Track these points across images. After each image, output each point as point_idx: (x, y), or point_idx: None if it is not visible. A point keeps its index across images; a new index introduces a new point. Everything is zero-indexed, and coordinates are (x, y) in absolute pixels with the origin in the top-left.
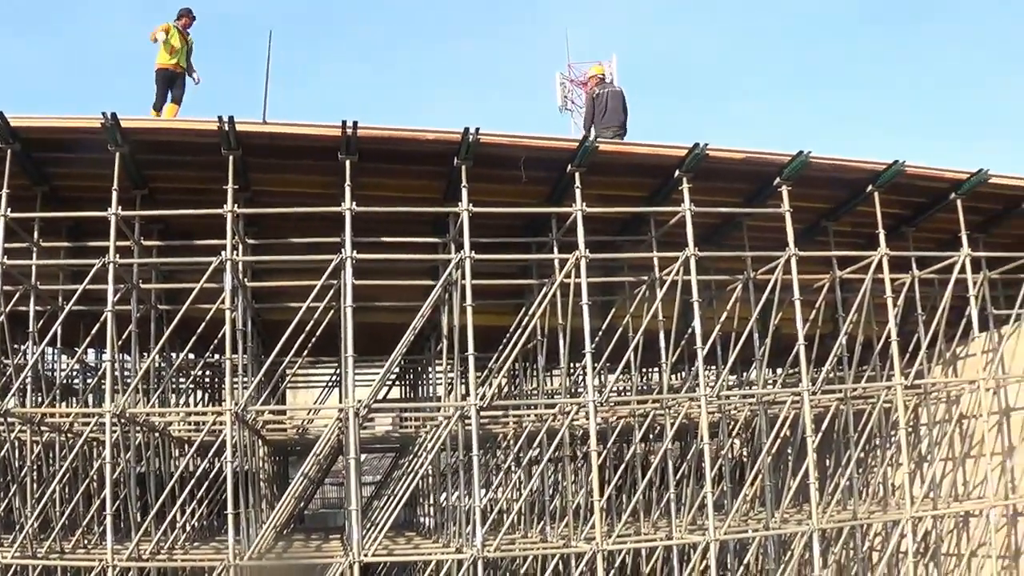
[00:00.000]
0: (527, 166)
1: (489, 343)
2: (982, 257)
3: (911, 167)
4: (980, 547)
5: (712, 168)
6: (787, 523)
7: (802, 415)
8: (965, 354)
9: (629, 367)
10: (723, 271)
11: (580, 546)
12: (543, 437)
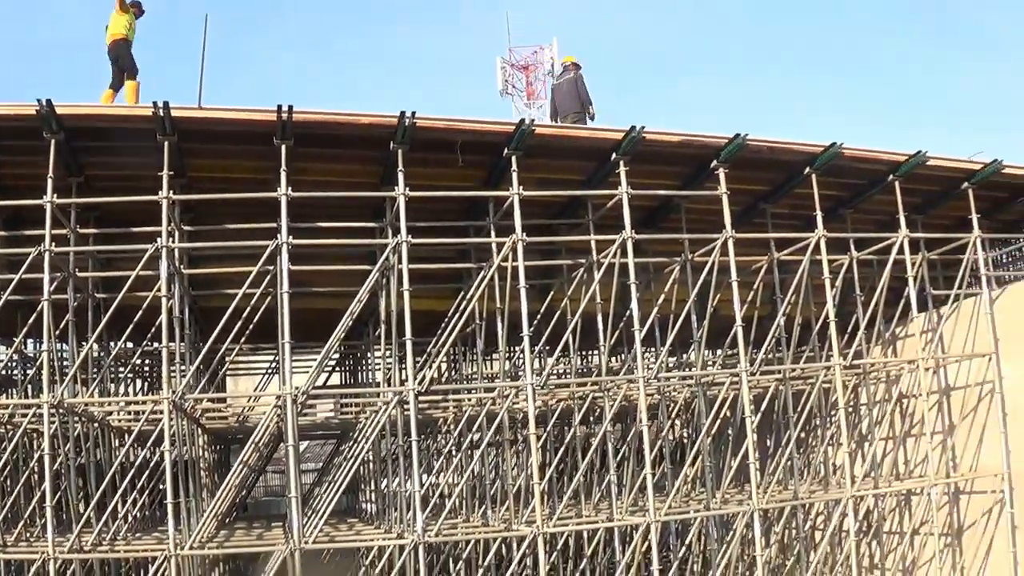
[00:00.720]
0: (464, 150)
1: (428, 328)
2: (920, 238)
3: (848, 149)
4: (922, 525)
5: (649, 151)
6: (728, 503)
7: (741, 396)
8: (904, 334)
9: (568, 350)
10: (661, 253)
11: (521, 529)
12: (483, 421)
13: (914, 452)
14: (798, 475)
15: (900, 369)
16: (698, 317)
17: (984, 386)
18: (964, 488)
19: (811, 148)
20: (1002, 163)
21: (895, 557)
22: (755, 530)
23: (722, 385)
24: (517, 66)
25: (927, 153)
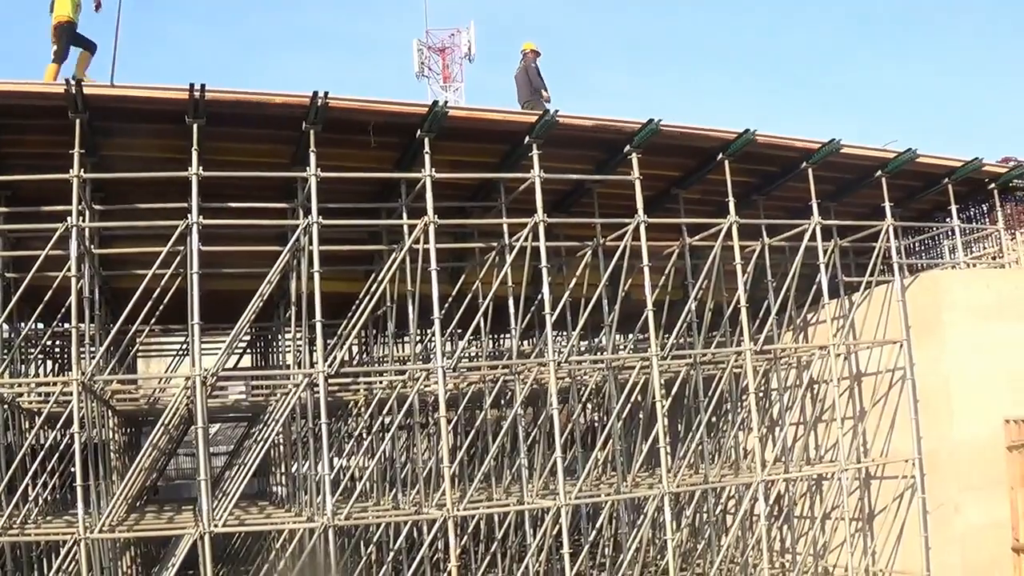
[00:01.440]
0: (377, 131)
1: (339, 310)
2: (832, 225)
3: (762, 136)
4: (833, 510)
5: (563, 135)
6: (639, 487)
7: (651, 380)
8: (816, 320)
9: (479, 333)
10: (573, 237)
11: (432, 513)
12: (393, 404)
13: (825, 437)
14: (709, 459)
15: (811, 355)
16: (609, 301)
17: (895, 372)
18: (875, 473)
19: (725, 134)
20: (916, 152)
21: (806, 541)
22: (665, 514)
23: (633, 369)
24: (434, 49)
25: (841, 141)
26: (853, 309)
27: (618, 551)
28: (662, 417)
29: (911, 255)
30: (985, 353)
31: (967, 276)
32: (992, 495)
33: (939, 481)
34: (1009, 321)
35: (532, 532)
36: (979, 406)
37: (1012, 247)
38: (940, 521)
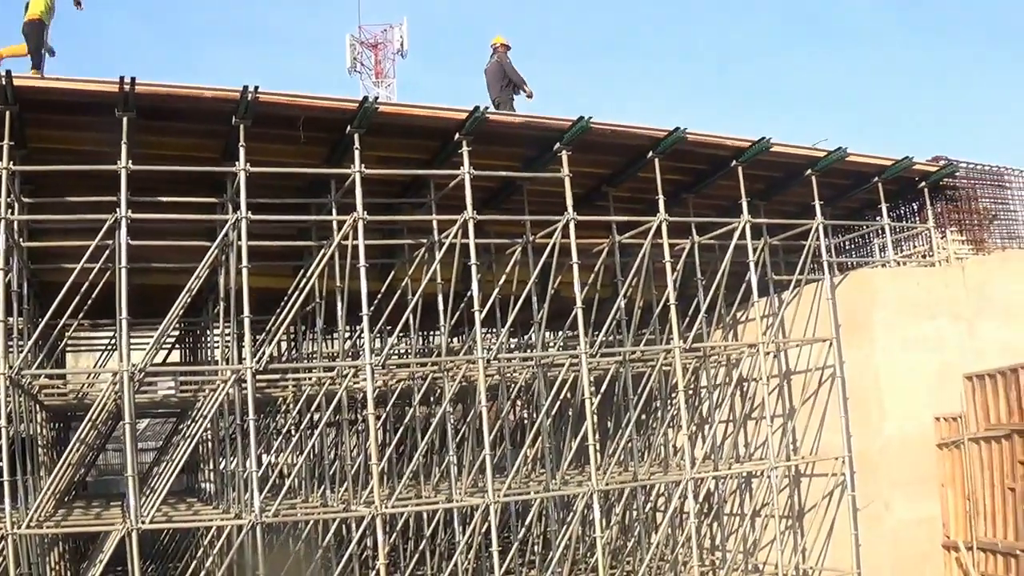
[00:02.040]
0: (307, 126)
1: (268, 306)
2: (762, 223)
3: (692, 134)
4: (763, 507)
5: (493, 132)
6: (568, 485)
7: (581, 377)
8: (745, 318)
9: (409, 329)
10: (503, 234)
11: (360, 510)
12: (322, 401)
13: (755, 435)
14: (639, 457)
15: (740, 353)
16: (539, 298)
17: (825, 370)
18: (805, 471)
19: (655, 132)
20: (846, 151)
21: (736, 538)
22: (595, 511)
23: (562, 367)
24: (366, 44)
25: (771, 140)
26: (783, 307)
27: (548, 549)
28: (591, 415)
29: (841, 253)
30: (915, 351)
31: (897, 274)
32: (922, 492)
33: (869, 478)
34: (939, 319)
35: (461, 529)
36: (909, 403)
37: (942, 245)
38: (870, 518)
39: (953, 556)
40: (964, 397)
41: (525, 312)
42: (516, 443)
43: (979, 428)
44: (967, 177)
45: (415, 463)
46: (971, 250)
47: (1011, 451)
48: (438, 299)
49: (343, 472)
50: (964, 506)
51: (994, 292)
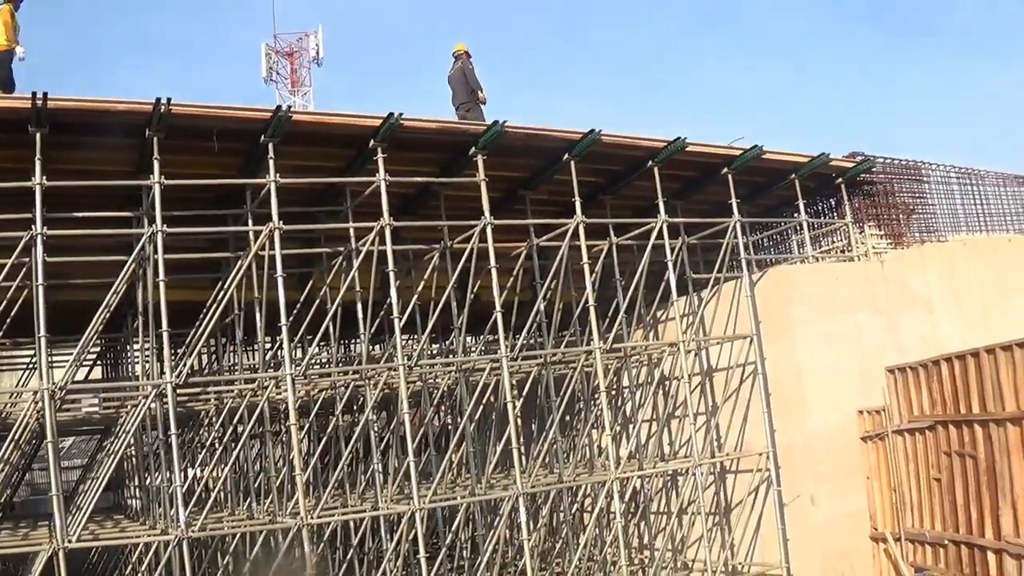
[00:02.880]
0: (221, 137)
1: (187, 319)
2: (679, 223)
3: (607, 136)
4: (690, 505)
5: (408, 138)
6: (493, 489)
7: (502, 381)
8: (665, 317)
9: (329, 338)
10: (420, 240)
11: (286, 521)
12: (244, 413)
13: (679, 433)
14: (563, 459)
15: (662, 352)
16: (458, 303)
17: (747, 367)
18: (730, 467)
19: (570, 135)
20: (762, 149)
21: (664, 537)
22: (521, 514)
23: (484, 371)
24: (282, 53)
25: (686, 139)
26: (702, 305)
27: (477, 553)
28: (514, 418)
29: (760, 251)
30: (836, 345)
31: (816, 270)
32: (848, 485)
33: (795, 473)
34: (859, 313)
35: (389, 537)
36: (832, 398)
37: (860, 240)
38: (797, 513)
39: (881, 548)
40: (887, 390)
41: (445, 317)
42: (441, 449)
43: (902, 420)
44: (885, 172)
45: (340, 472)
46: (890, 244)
47: (935, 442)
48: (357, 307)
49: (268, 484)
50: (890, 498)
51: (913, 285)
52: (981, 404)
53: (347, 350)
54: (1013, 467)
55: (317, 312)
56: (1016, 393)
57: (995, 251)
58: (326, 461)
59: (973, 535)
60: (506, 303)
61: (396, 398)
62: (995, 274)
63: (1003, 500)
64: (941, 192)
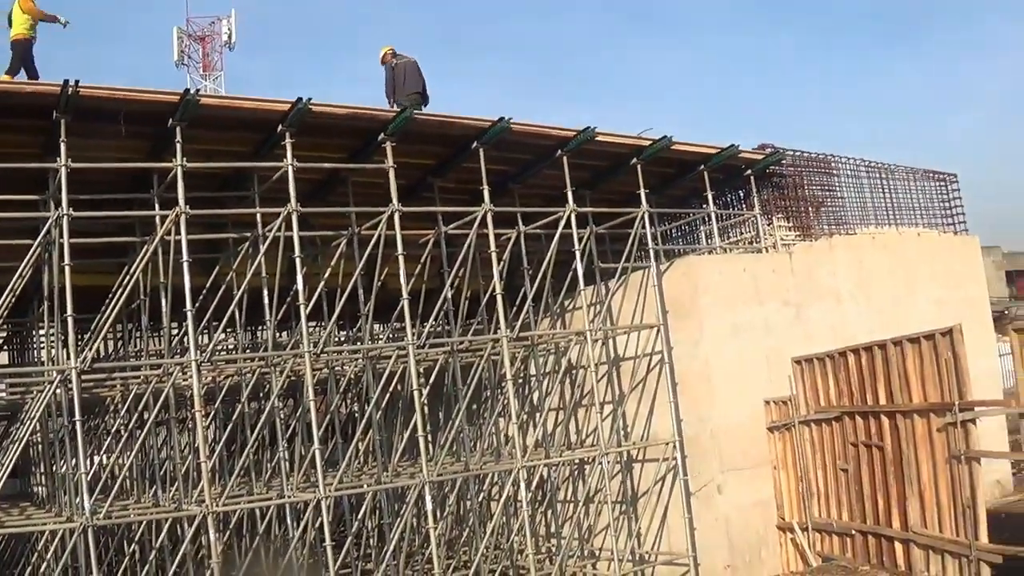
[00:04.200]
0: (130, 120)
1: (94, 304)
2: (588, 212)
3: (517, 124)
4: (596, 493)
5: (318, 124)
6: (400, 476)
7: (408, 369)
8: (573, 306)
9: (235, 325)
10: (328, 227)
11: (191, 509)
12: (149, 399)
13: (586, 422)
14: (470, 447)
15: (569, 341)
16: (366, 291)
17: (654, 357)
18: (637, 456)
19: (479, 123)
20: (671, 139)
21: (571, 525)
22: (426, 502)
23: (391, 358)
24: (194, 37)
25: (596, 129)
26: (609, 295)
27: (383, 541)
28: (420, 406)
29: (669, 241)
30: (744, 336)
31: (723, 261)
32: (756, 475)
33: (702, 462)
34: (766, 304)
35: (294, 525)
36: (739, 388)
37: (768, 232)
38: (704, 502)
39: (788, 537)
40: (793, 380)
41: (353, 305)
42: (348, 436)
43: (809, 411)
44: (794, 165)
45: (246, 460)
46: (798, 237)
47: (842, 433)
48: (264, 293)
49: (174, 471)
50: (797, 488)
51: (822, 278)
52: (888, 395)
53: (254, 336)
54: (920, 458)
55: (224, 298)
56: (923, 385)
57: (903, 245)
58: (232, 448)
59: (880, 525)
60: (413, 291)
61: (303, 385)
62: (903, 267)
63: (910, 490)
64: (851, 185)
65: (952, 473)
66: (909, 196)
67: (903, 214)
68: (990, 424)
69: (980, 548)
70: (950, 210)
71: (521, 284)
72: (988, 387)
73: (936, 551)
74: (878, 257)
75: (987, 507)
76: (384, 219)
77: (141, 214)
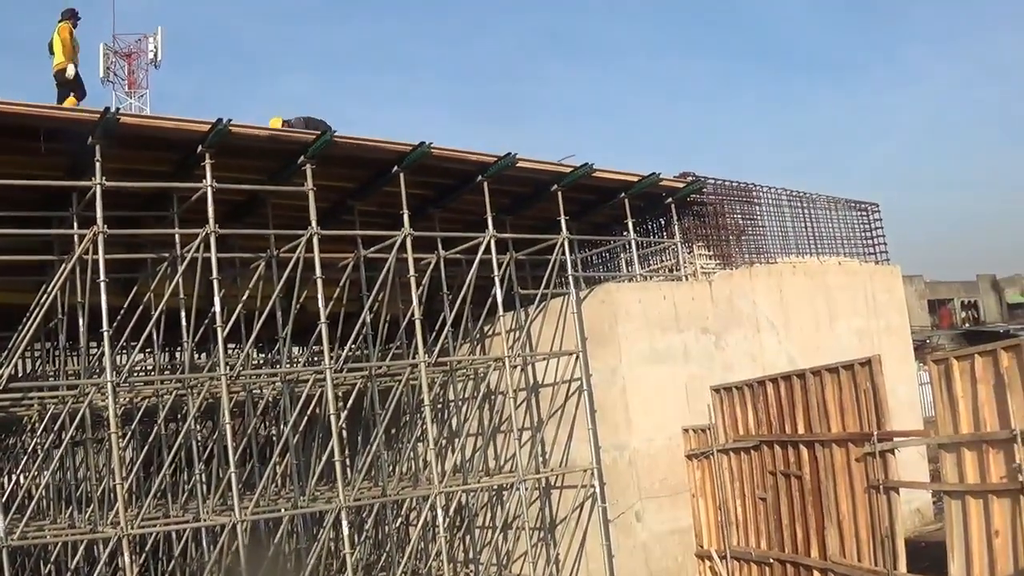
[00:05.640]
0: (50, 138)
1: (12, 322)
2: (508, 238)
3: (437, 149)
4: (515, 520)
5: (238, 145)
6: (316, 501)
7: (326, 393)
8: (492, 332)
9: (153, 345)
10: (247, 248)
11: (106, 531)
12: (65, 419)
13: (504, 448)
14: (388, 472)
15: (487, 366)
16: (284, 313)
17: (572, 383)
18: (555, 483)
19: (400, 147)
20: (592, 167)
21: (489, 551)
22: (343, 527)
23: (308, 382)
24: (120, 54)
25: (516, 155)
26: (528, 321)
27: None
28: (337, 430)
29: (589, 268)
30: (663, 363)
31: (643, 288)
32: (674, 503)
33: (620, 490)
34: (686, 332)
35: (210, 548)
36: (658, 415)
37: (689, 260)
38: (623, 529)
39: (707, 565)
40: (712, 409)
41: (271, 327)
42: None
43: (728, 439)
44: (715, 193)
45: (162, 481)
46: (719, 265)
47: (760, 462)
48: (181, 314)
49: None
50: (716, 516)
51: (741, 306)
52: (807, 425)
53: (172, 358)
54: (838, 488)
55: (141, 318)
56: (842, 415)
57: (824, 274)
58: (150, 470)
59: (799, 554)
60: (332, 314)
61: (220, 407)
62: (824, 296)
63: (828, 520)
64: (772, 214)
65: (871, 503)
66: (831, 225)
67: (825, 243)
68: (910, 454)
69: None
70: (872, 239)
71: (440, 309)
72: (909, 416)
73: None
74: (799, 286)
75: (907, 536)
76: (303, 242)
77: (58, 232)
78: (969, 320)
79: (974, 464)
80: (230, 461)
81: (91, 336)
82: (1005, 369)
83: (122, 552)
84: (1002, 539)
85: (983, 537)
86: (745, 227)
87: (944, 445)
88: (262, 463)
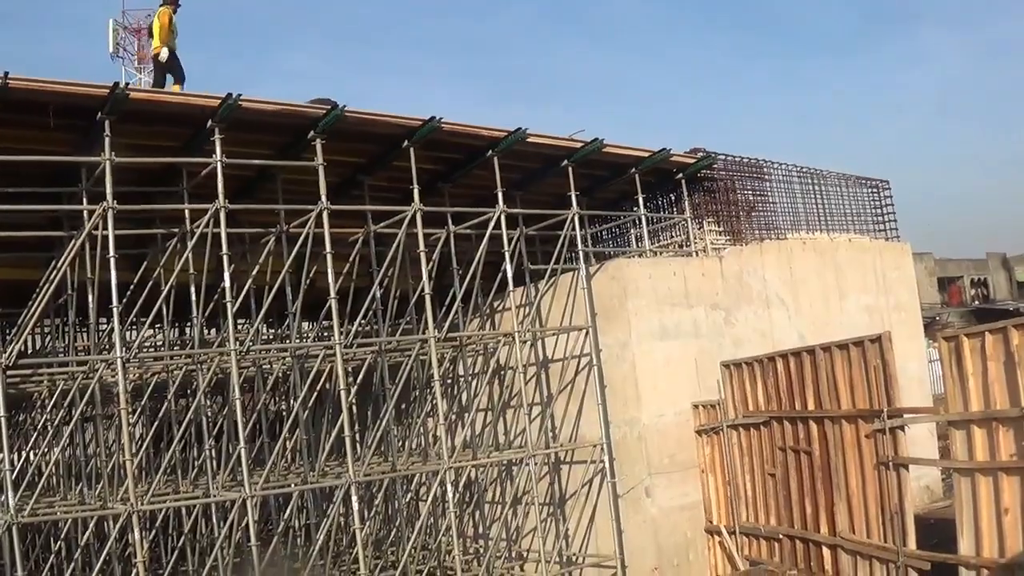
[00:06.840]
0: (59, 113)
1: (21, 298)
2: (518, 213)
3: (447, 124)
4: (524, 495)
5: (247, 120)
6: (326, 476)
7: (335, 368)
8: (502, 307)
9: (163, 321)
10: (257, 224)
11: (116, 507)
12: (75, 395)
13: (514, 424)
14: (398, 447)
15: (497, 342)
16: (294, 289)
17: (582, 359)
18: (565, 458)
19: (410, 121)
20: (602, 142)
21: (499, 526)
22: (353, 503)
23: (318, 357)
24: (130, 29)
25: (527, 130)
26: (539, 296)
27: (310, 541)
28: (347, 406)
29: (599, 243)
30: (673, 339)
31: (653, 264)
32: (684, 478)
33: (630, 465)
34: (695, 307)
35: (219, 524)
36: (667, 391)
37: (699, 236)
38: (632, 505)
39: (716, 541)
40: (722, 384)
41: (281, 302)
42: (275, 435)
43: (737, 415)
44: (726, 169)
45: (172, 457)
46: (729, 241)
47: (770, 437)
48: (191, 290)
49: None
50: (725, 492)
51: (751, 282)
52: (816, 401)
53: (182, 333)
54: (847, 464)
55: (151, 294)
56: (851, 391)
57: (834, 251)
58: (159, 446)
59: (808, 530)
60: (342, 289)
61: (230, 383)
62: (833, 273)
63: (838, 496)
64: (782, 191)
65: (880, 479)
66: (841, 202)
67: (835, 220)
68: (920, 430)
69: (908, 554)
70: (882, 216)
71: (450, 284)
72: (918, 393)
73: (864, 557)
74: (809, 262)
75: (916, 513)
76: (313, 217)
77: (68, 208)
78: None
79: (984, 441)
80: (240, 436)
81: (101, 312)
82: (1015, 347)
83: (132, 528)
84: (1012, 517)
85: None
86: (755, 203)
87: (954, 422)
88: (272, 439)
